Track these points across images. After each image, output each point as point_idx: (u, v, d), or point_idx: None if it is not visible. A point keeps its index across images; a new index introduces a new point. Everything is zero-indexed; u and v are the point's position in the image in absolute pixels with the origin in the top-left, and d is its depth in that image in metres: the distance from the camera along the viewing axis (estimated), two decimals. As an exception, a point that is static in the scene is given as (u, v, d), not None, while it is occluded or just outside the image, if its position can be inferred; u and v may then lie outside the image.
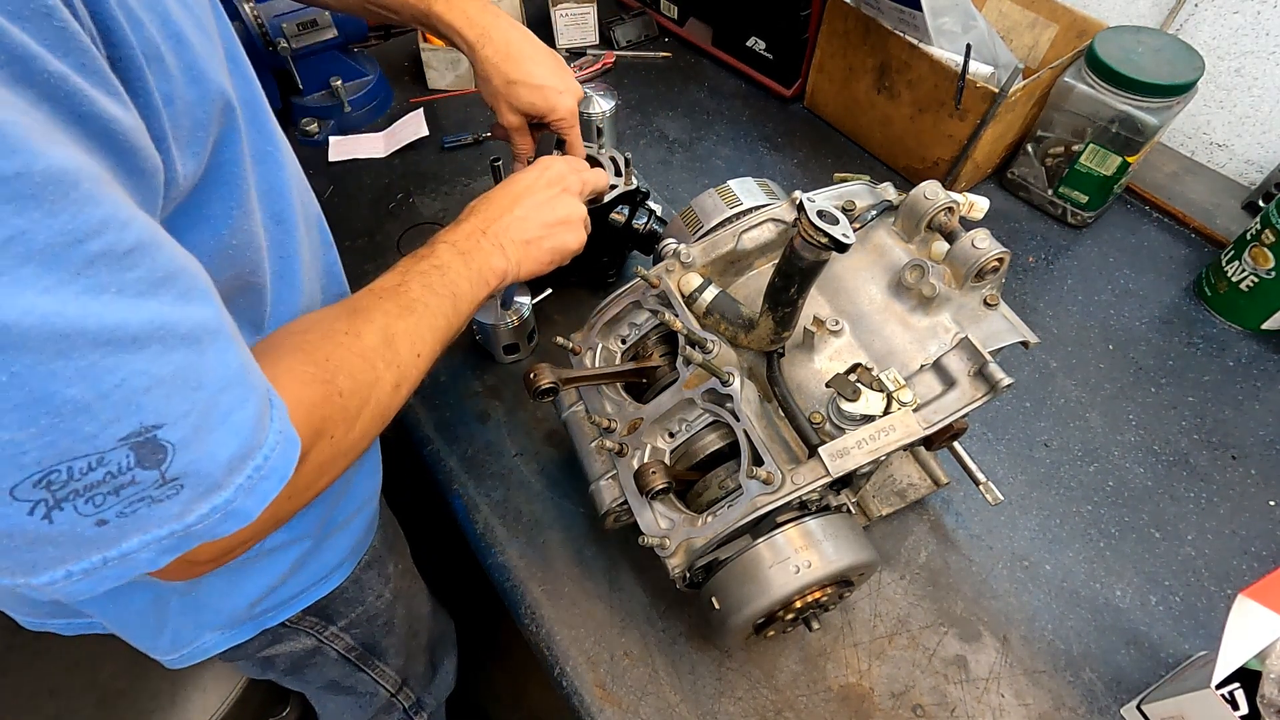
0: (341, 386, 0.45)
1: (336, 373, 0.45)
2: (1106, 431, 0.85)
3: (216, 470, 0.33)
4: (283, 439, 0.37)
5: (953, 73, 0.95)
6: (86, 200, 0.28)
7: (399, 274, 0.56)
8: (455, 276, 0.58)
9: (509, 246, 0.64)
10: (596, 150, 0.91)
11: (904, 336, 0.62)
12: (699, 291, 0.64)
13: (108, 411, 0.29)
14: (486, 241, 0.63)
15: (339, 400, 0.44)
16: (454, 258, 0.60)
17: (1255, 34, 0.98)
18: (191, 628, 0.64)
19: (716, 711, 0.67)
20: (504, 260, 0.63)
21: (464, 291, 0.59)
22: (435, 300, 0.56)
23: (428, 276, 0.57)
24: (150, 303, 0.31)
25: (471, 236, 0.63)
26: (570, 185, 0.71)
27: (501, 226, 0.65)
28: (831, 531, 0.57)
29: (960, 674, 0.68)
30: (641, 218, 0.88)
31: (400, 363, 0.51)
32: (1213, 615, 0.72)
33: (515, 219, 0.66)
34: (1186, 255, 1.02)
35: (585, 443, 0.69)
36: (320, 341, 0.47)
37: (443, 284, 0.57)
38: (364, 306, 0.52)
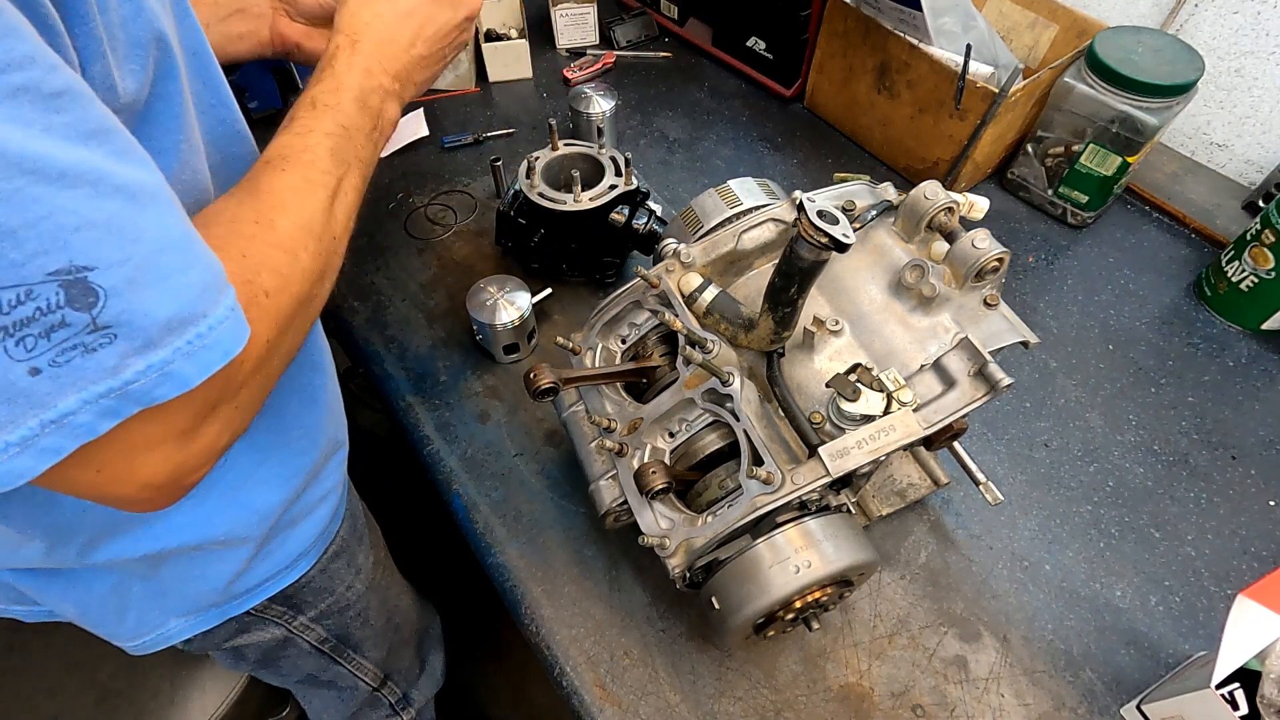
0: (266, 285, 0.41)
1: (257, 270, 0.41)
2: (1106, 431, 0.85)
3: (152, 327, 0.33)
4: (233, 316, 0.36)
5: (953, 73, 0.95)
6: (9, 32, 0.27)
7: (302, 134, 0.50)
8: (360, 140, 0.53)
9: (407, 91, 0.59)
10: (597, 150, 0.91)
11: (904, 336, 0.62)
12: (699, 291, 0.64)
13: (33, 242, 0.28)
14: (389, 89, 0.57)
15: (267, 301, 0.41)
16: (359, 115, 0.53)
17: (1255, 34, 0.98)
18: (155, 613, 0.63)
19: (716, 711, 0.67)
20: (397, 111, 0.58)
21: (367, 156, 0.54)
22: (347, 173, 0.51)
23: (336, 141, 0.51)
24: (80, 149, 0.30)
25: (374, 81, 0.56)
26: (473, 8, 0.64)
27: (406, 70, 0.59)
28: (831, 531, 0.57)
29: (960, 674, 0.68)
30: (641, 218, 0.88)
31: (323, 250, 0.47)
32: (1213, 615, 0.72)
33: (416, 59, 0.59)
34: (1186, 255, 1.02)
35: (585, 443, 0.69)
36: (231, 238, 0.42)
37: (349, 150, 0.52)
38: (268, 187, 0.46)
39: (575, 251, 0.91)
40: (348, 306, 0.96)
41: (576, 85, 1.18)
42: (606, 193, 0.86)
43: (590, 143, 0.93)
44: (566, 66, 1.28)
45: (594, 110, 1.05)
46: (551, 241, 0.89)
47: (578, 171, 0.88)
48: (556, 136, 0.91)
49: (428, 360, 0.91)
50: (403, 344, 0.92)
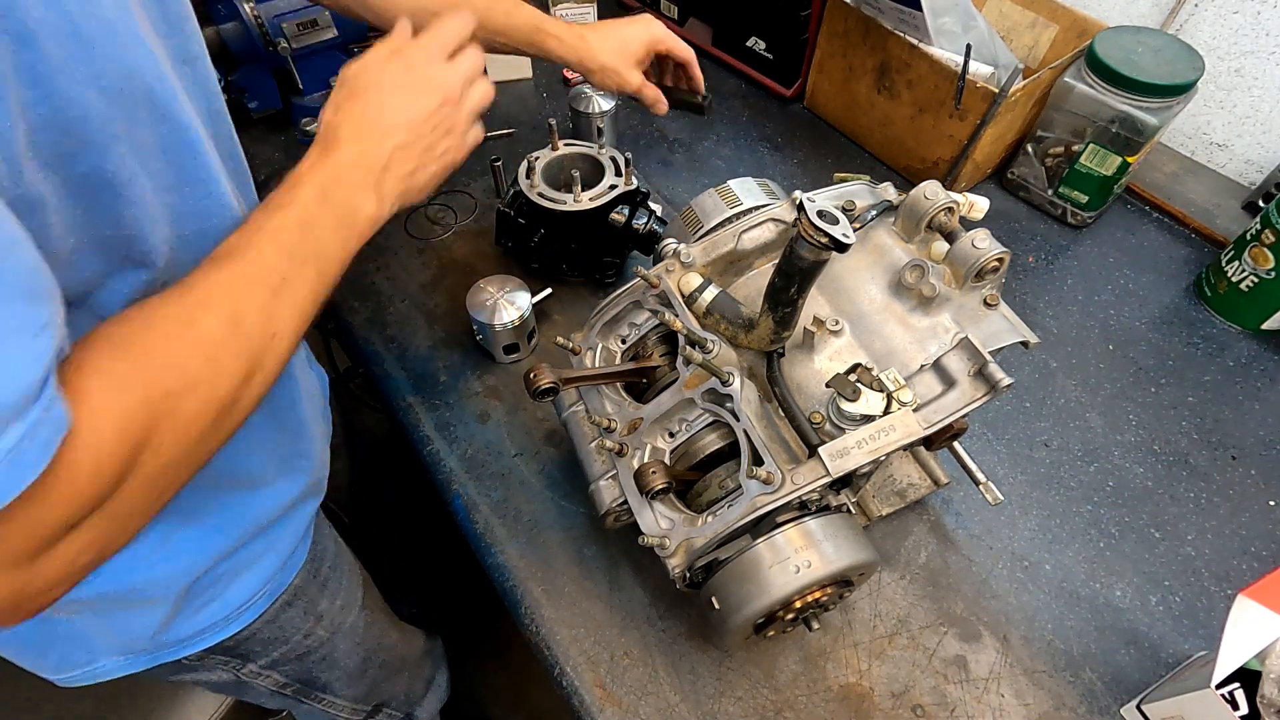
0: (168, 386, 0.39)
1: (163, 370, 0.39)
2: (1106, 431, 0.85)
3: None
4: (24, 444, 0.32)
5: (953, 73, 0.95)
6: None
7: (248, 232, 0.46)
8: (322, 235, 0.49)
9: (386, 184, 0.53)
10: (597, 150, 0.91)
11: (904, 336, 0.62)
12: (699, 291, 0.64)
13: None
14: (360, 183, 0.52)
15: (165, 404, 0.38)
16: (320, 209, 0.49)
17: (1255, 34, 0.98)
18: (80, 653, 0.61)
19: (716, 711, 0.67)
20: (379, 204, 0.53)
21: (331, 251, 0.49)
22: (299, 269, 0.47)
23: (287, 236, 0.47)
24: None
25: (344, 178, 0.51)
26: (451, 92, 0.58)
27: (381, 163, 0.53)
28: (831, 531, 0.57)
29: (960, 674, 0.68)
30: (641, 218, 0.88)
31: (252, 349, 0.43)
32: (1213, 615, 0.72)
33: (398, 150, 0.54)
34: (1186, 255, 1.02)
35: (585, 443, 0.69)
36: (141, 333, 0.39)
37: (305, 246, 0.47)
38: (201, 284, 0.43)
39: (575, 251, 0.91)
40: (348, 306, 0.96)
41: (576, 85, 1.18)
42: (606, 193, 0.86)
43: (590, 143, 0.93)
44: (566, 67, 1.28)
45: (594, 110, 1.05)
46: (551, 241, 0.89)
47: (578, 171, 0.88)
48: (556, 136, 0.91)
49: (428, 360, 0.91)
50: (403, 344, 0.92)
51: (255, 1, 1.04)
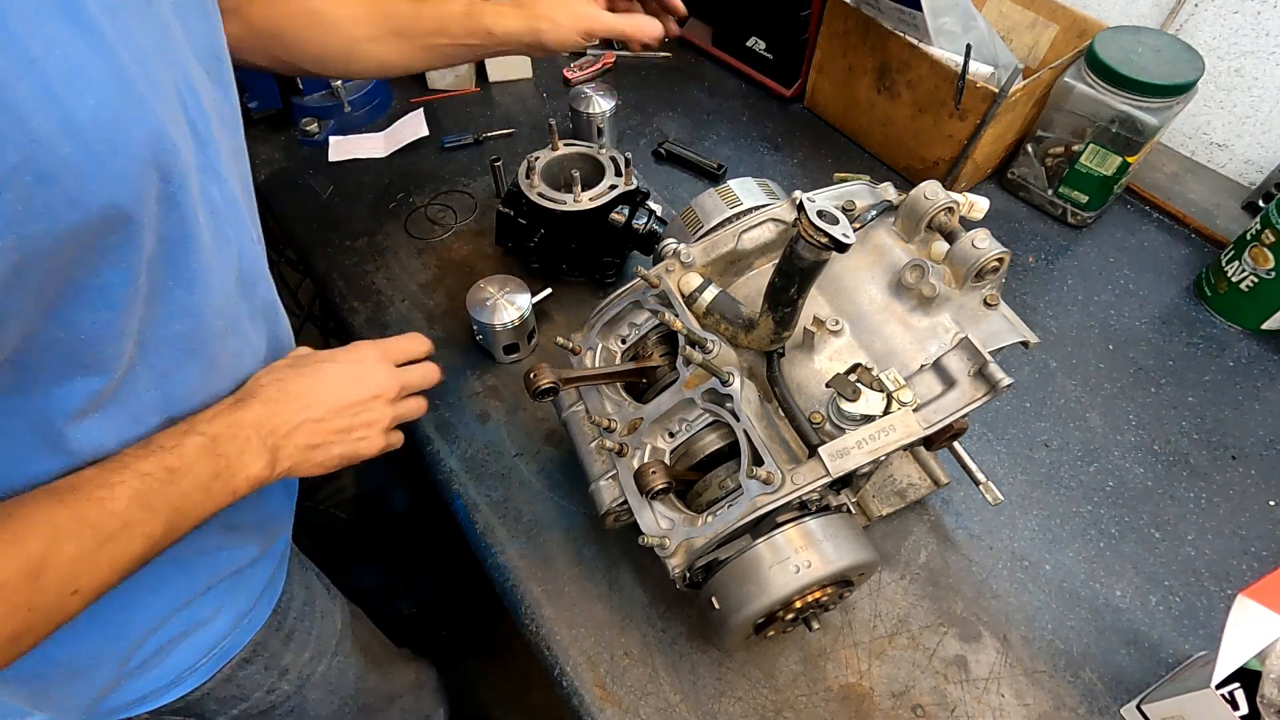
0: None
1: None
2: (1106, 431, 0.85)
3: None
4: None
5: (953, 73, 0.95)
6: None
7: (112, 469, 0.45)
8: (189, 487, 0.47)
9: (285, 450, 0.54)
10: (597, 150, 0.91)
11: (904, 336, 0.62)
12: (699, 291, 0.64)
13: None
14: (256, 442, 0.52)
15: None
16: (201, 459, 0.48)
17: (1255, 34, 0.98)
18: (17, 709, 0.58)
19: (716, 711, 0.67)
20: (268, 468, 0.53)
21: (192, 506, 0.48)
22: (145, 520, 0.44)
23: (149, 484, 0.45)
24: None
25: (240, 434, 0.51)
26: (386, 391, 0.61)
27: (287, 427, 0.54)
28: (831, 531, 0.57)
29: (960, 674, 0.68)
30: (641, 218, 0.88)
31: (43, 604, 0.41)
32: (1213, 615, 0.72)
33: (308, 423, 0.55)
34: (1186, 255, 1.02)
35: (585, 443, 0.69)
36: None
37: (164, 498, 0.46)
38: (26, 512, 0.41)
39: (575, 251, 0.91)
40: (348, 307, 0.96)
41: (576, 85, 1.18)
42: (606, 193, 0.86)
43: (590, 143, 0.93)
44: (566, 67, 1.28)
45: (594, 110, 1.05)
46: (551, 241, 0.89)
47: (578, 171, 0.88)
48: (556, 136, 0.91)
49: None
50: (403, 344, 0.92)
51: (255, 1, 1.04)
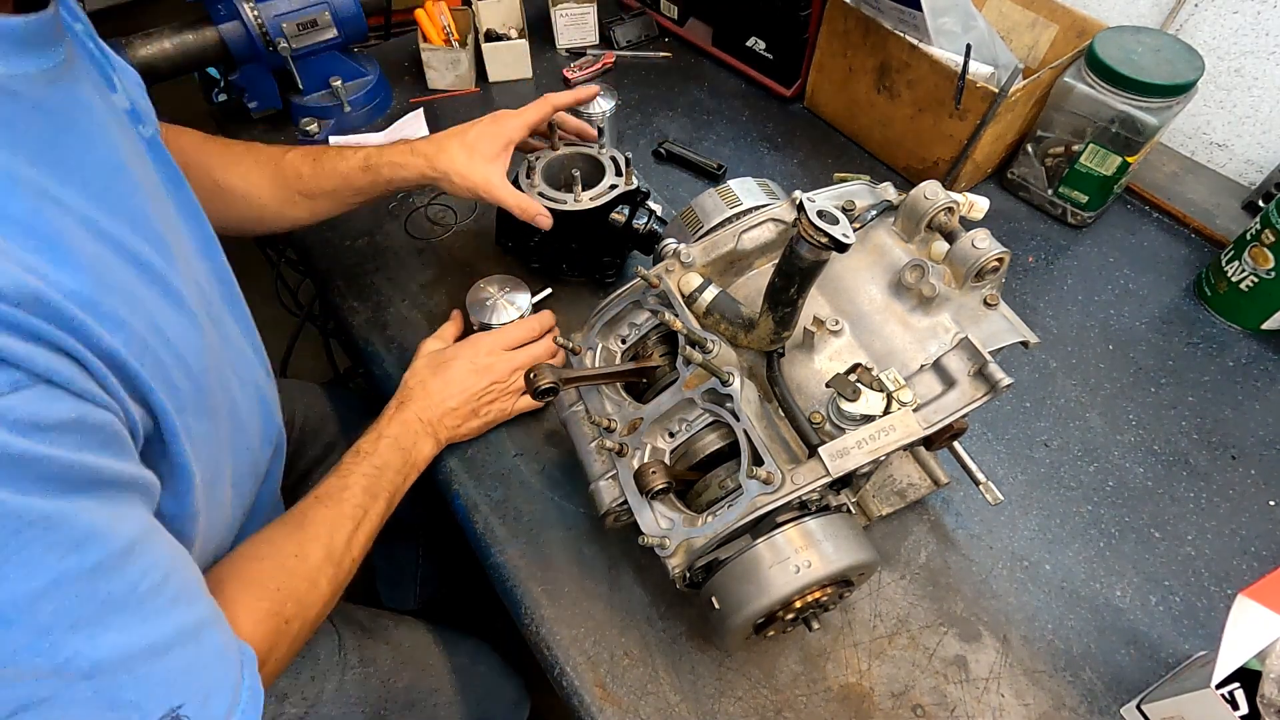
0: (289, 614, 0.53)
1: (285, 602, 0.53)
2: (1106, 431, 0.85)
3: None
4: (252, 692, 0.46)
5: (953, 73, 0.95)
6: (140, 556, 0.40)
7: (344, 476, 0.66)
8: (393, 475, 0.69)
9: (440, 432, 0.76)
10: (597, 150, 0.91)
11: (904, 336, 0.62)
12: (699, 291, 0.64)
13: (150, 703, 0.40)
14: (421, 431, 0.74)
15: (285, 628, 0.53)
16: (394, 454, 0.70)
17: (1255, 34, 0.98)
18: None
19: (716, 711, 0.67)
20: (435, 446, 0.76)
21: (398, 486, 0.70)
22: (374, 504, 0.65)
23: (370, 479, 0.66)
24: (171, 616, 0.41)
25: (410, 428, 0.73)
26: (500, 377, 0.79)
27: (436, 415, 0.75)
28: (831, 531, 0.57)
29: (960, 674, 0.68)
30: (641, 218, 0.88)
31: (340, 574, 0.59)
32: (1213, 615, 0.72)
33: (449, 412, 0.76)
34: (1186, 255, 1.02)
35: (585, 443, 0.69)
36: (274, 572, 0.55)
37: (381, 485, 0.67)
38: (311, 520, 0.61)
39: (575, 251, 0.91)
40: (348, 307, 0.96)
41: (576, 85, 1.18)
42: (607, 192, 0.86)
43: (590, 143, 0.93)
44: (566, 66, 1.28)
45: (594, 110, 1.05)
46: (552, 241, 0.89)
47: (578, 171, 0.88)
48: (556, 136, 0.91)
49: (428, 360, 0.91)
50: (403, 344, 0.92)
51: (255, 1, 1.04)
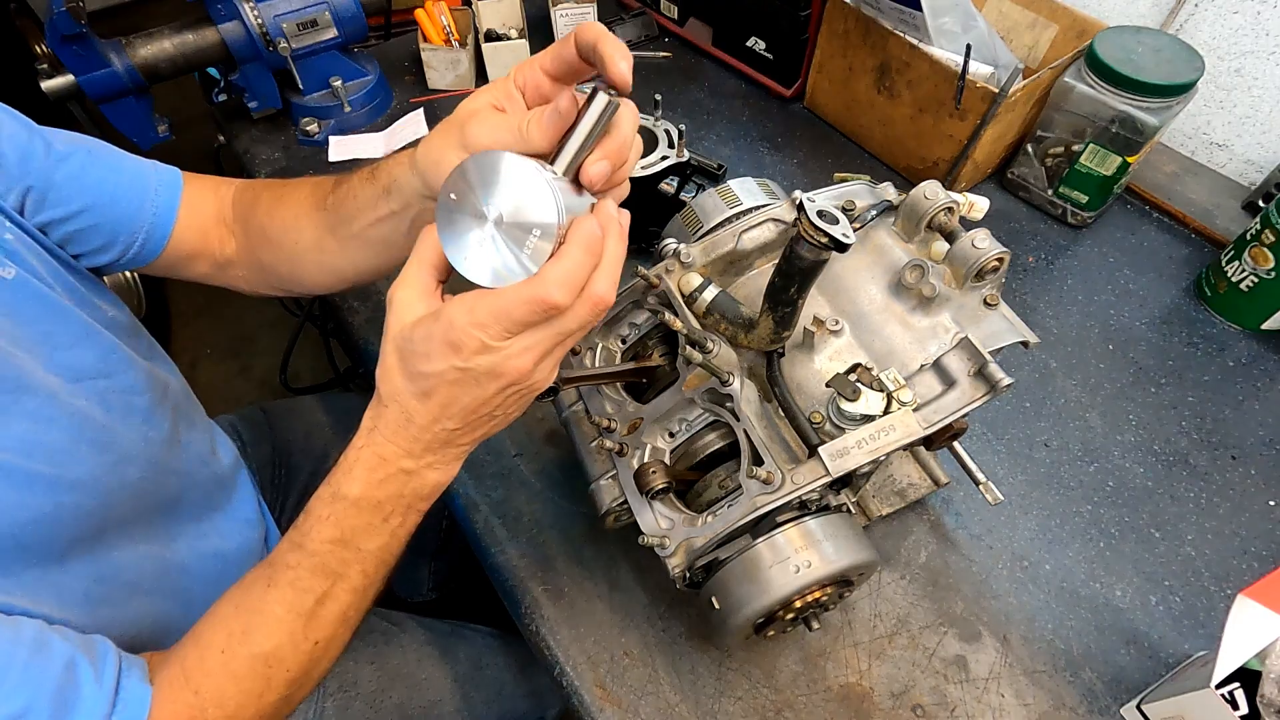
0: (212, 717, 0.48)
1: (207, 705, 0.48)
2: (1106, 431, 0.85)
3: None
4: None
5: (953, 73, 0.95)
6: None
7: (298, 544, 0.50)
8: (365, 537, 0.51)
9: (444, 460, 0.51)
10: (653, 122, 0.92)
11: (904, 336, 0.62)
12: (699, 291, 0.64)
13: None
14: (417, 467, 0.50)
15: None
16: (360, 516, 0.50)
17: (1255, 34, 0.98)
18: None
19: (716, 711, 0.67)
20: (442, 475, 0.51)
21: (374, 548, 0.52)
22: (332, 582, 0.51)
23: (325, 556, 0.50)
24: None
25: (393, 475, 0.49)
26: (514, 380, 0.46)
27: (431, 448, 0.49)
28: (831, 531, 0.57)
29: (960, 674, 0.68)
30: (690, 191, 0.90)
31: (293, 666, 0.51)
32: (1213, 615, 0.72)
33: (445, 434, 0.49)
34: (1186, 255, 1.02)
35: (585, 443, 0.69)
36: (194, 668, 0.49)
37: (342, 559, 0.50)
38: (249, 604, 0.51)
39: None
40: (348, 307, 0.96)
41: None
42: (658, 163, 0.88)
43: (647, 115, 0.94)
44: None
45: (594, 110, 1.06)
46: None
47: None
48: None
49: (428, 360, 0.91)
50: (403, 344, 0.92)
51: (255, 1, 1.04)
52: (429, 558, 1.18)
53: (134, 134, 1.06)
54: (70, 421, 0.55)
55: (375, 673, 0.82)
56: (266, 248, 0.69)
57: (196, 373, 2.14)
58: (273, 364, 2.07)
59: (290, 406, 1.05)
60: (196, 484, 0.70)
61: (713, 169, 1.09)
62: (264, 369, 2.16)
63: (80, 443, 0.55)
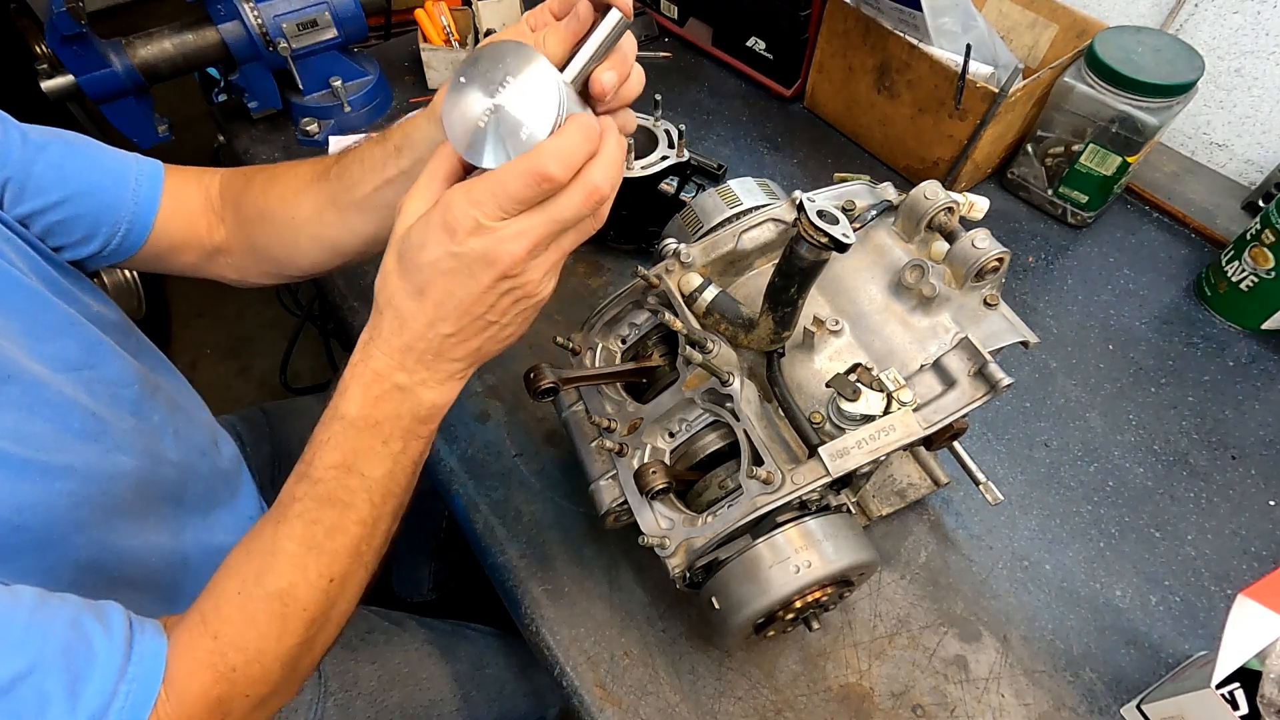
0: (233, 662, 0.46)
1: (225, 651, 0.46)
2: (1106, 431, 0.85)
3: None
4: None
5: (953, 73, 0.95)
6: None
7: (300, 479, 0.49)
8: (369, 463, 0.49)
9: (439, 374, 0.49)
10: (653, 123, 0.92)
11: (904, 336, 0.62)
12: (699, 291, 0.64)
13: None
14: (412, 381, 0.48)
15: (232, 676, 0.46)
16: (360, 439, 0.49)
17: (1255, 34, 0.98)
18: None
19: (716, 711, 0.67)
20: (443, 388, 0.49)
21: (380, 474, 0.50)
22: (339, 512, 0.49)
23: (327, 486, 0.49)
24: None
25: (389, 391, 0.48)
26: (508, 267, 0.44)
27: (428, 356, 0.48)
28: (831, 531, 0.57)
29: (960, 674, 0.68)
30: (690, 190, 0.89)
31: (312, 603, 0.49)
32: (1213, 615, 0.72)
33: (441, 339, 0.47)
34: (1186, 255, 1.02)
35: (585, 443, 0.69)
36: (214, 611, 0.48)
37: (347, 488, 0.49)
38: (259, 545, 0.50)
39: (625, 218, 0.93)
40: (348, 307, 0.96)
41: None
42: (658, 163, 0.88)
43: (647, 115, 0.94)
44: (566, 66, 1.28)
45: (594, 110, 1.06)
46: None
47: (632, 140, 0.90)
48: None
49: (428, 360, 0.91)
50: (403, 344, 0.92)
51: (255, 1, 1.04)
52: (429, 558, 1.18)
53: (134, 134, 1.06)
54: (55, 410, 0.54)
55: (376, 672, 0.82)
56: (261, 227, 0.68)
57: (196, 373, 2.14)
58: (273, 364, 2.07)
59: (291, 407, 1.05)
60: (199, 475, 0.70)
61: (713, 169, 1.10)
62: (264, 369, 2.16)
63: (67, 431, 0.55)
